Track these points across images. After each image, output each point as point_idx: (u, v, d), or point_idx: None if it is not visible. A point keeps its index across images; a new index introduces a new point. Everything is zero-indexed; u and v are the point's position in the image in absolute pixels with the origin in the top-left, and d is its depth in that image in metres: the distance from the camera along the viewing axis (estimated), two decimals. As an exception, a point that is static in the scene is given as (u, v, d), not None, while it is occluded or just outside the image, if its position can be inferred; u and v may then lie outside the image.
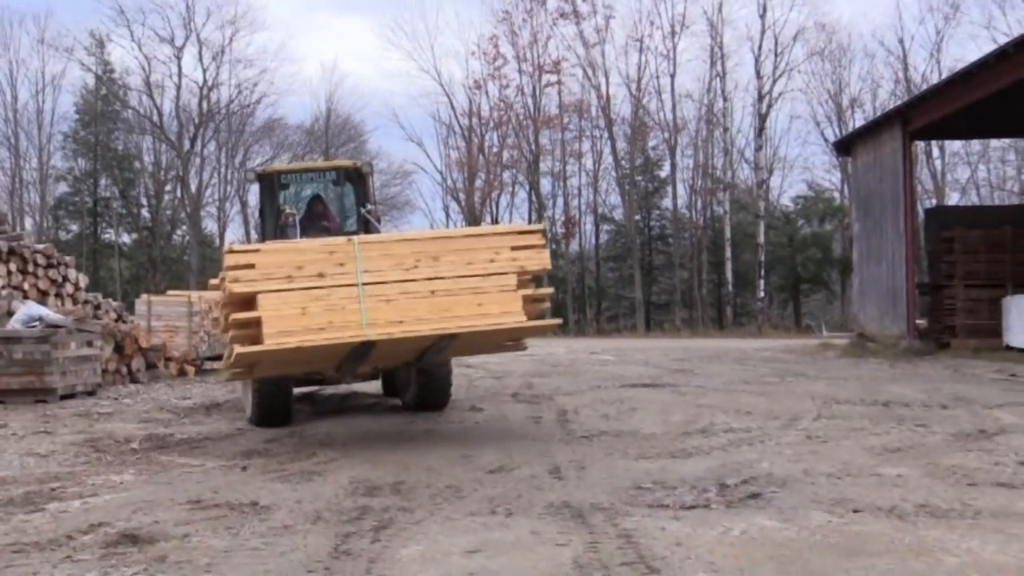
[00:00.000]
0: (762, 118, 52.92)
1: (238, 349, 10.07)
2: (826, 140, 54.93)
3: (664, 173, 59.34)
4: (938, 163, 52.60)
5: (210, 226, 66.74)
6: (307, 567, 6.31)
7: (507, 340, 11.95)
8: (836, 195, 57.87)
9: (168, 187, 65.72)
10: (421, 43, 77.61)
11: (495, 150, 60.66)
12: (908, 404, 13.95)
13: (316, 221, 14.77)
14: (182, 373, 22.53)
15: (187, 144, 61.48)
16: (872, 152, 29.05)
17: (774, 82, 53.32)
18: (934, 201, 47.67)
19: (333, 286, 10.29)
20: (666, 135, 56.84)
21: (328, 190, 15.24)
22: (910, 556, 6.21)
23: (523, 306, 10.73)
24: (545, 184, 60.24)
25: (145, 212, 66.65)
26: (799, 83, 63.74)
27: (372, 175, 15.24)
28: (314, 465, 10.19)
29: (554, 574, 6.03)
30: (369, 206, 14.51)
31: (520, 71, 57.81)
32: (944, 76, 30.97)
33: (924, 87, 34.81)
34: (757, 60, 53.05)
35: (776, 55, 53.23)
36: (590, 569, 6.09)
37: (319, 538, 7.07)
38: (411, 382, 14.01)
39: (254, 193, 60.84)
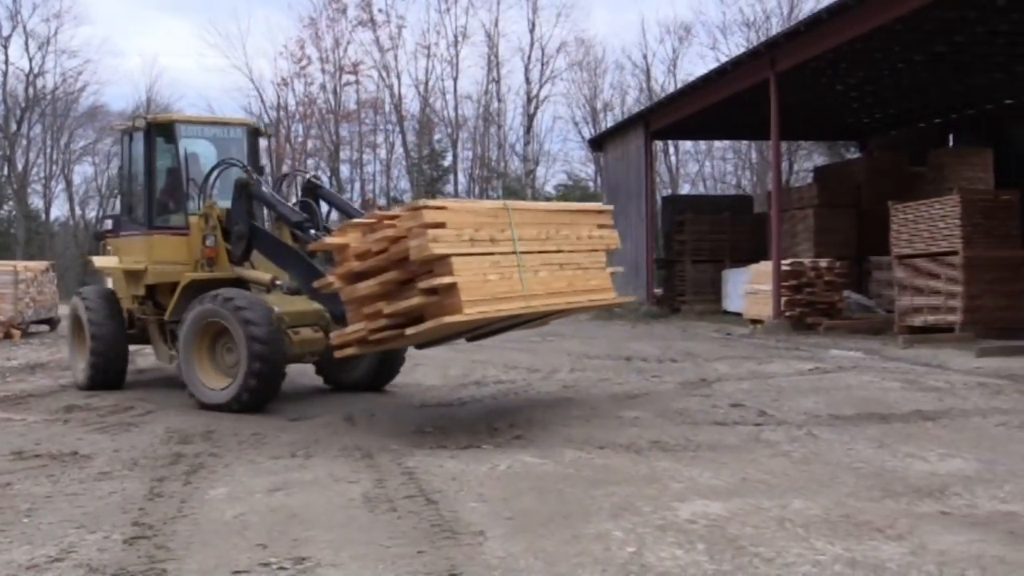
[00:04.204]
0: (530, 118, 53.54)
1: (449, 319, 7.78)
2: (583, 137, 55.90)
3: (447, 163, 59.25)
4: (673, 159, 54.41)
5: (36, 202, 62.78)
6: (123, 509, 6.05)
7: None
8: (591, 184, 59.03)
9: (-5, 166, 61.32)
10: (234, 43, 75.23)
11: (300, 140, 59.31)
12: (646, 359, 14.44)
13: (164, 182, 11.75)
14: (7, 336, 21.24)
15: (14, 126, 57.56)
16: (620, 148, 29.83)
17: (540, 87, 53.97)
18: (670, 190, 49.28)
19: (503, 252, 8.47)
20: (449, 130, 56.81)
21: (226, 148, 12.00)
22: (644, 483, 6.44)
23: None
24: (344, 170, 59.27)
25: (-28, 188, 61.97)
26: (561, 88, 65.18)
27: (269, 141, 12.55)
28: (132, 417, 9.77)
29: (346, 508, 5.98)
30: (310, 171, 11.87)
31: (323, 71, 56.53)
32: (678, 87, 32.05)
33: (663, 96, 35.94)
34: (526, 68, 53.52)
35: (543, 64, 53.83)
36: (377, 502, 6.07)
37: (135, 483, 6.80)
38: (362, 359, 10.95)
39: (79, 173, 57.53)
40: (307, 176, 11.34)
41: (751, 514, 5.60)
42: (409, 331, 8.08)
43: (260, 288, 10.72)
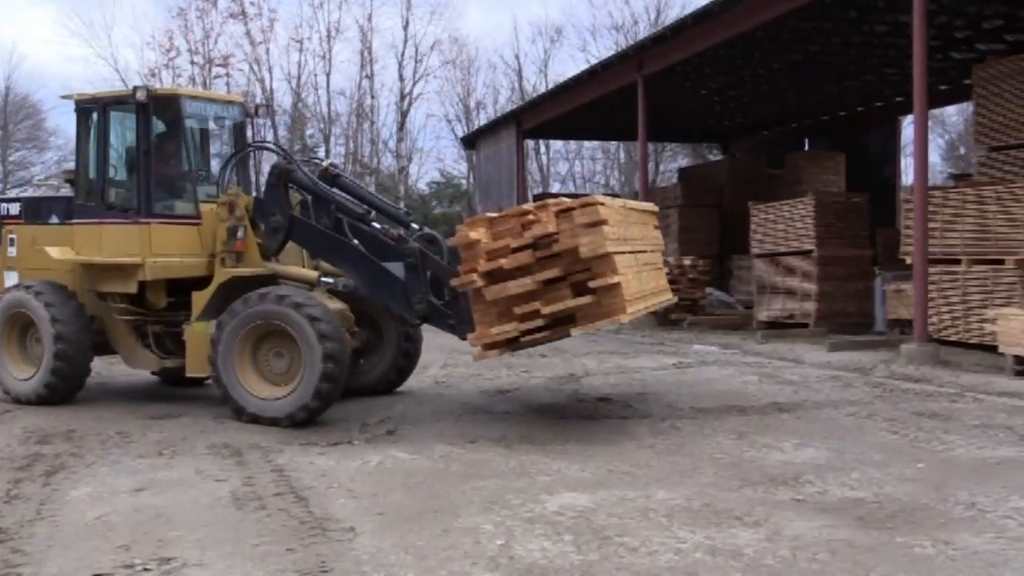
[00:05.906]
0: (403, 115, 53.20)
1: (623, 318, 7.56)
2: (456, 135, 55.97)
3: (319, 158, 58.70)
4: (544, 158, 54.92)
5: None
6: (-24, 512, 5.78)
7: None
8: (464, 181, 59.16)
9: None
10: (99, 32, 72.53)
11: (168, 132, 57.67)
12: (515, 354, 14.49)
13: (165, 163, 10.20)
14: None
15: None
16: (492, 147, 29.95)
17: (414, 84, 53.74)
18: (541, 189, 49.69)
19: (633, 252, 8.23)
20: (322, 126, 56.06)
21: (222, 129, 10.82)
22: (513, 477, 6.50)
23: None
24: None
25: None
26: (435, 86, 65.18)
27: (252, 122, 11.27)
28: (-13, 417, 9.33)
29: (213, 507, 5.85)
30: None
31: (193, 63, 54.86)
32: (550, 88, 32.32)
33: (534, 96, 36.19)
34: (400, 65, 53.07)
35: (416, 62, 53.51)
36: (246, 500, 5.96)
37: (-10, 484, 6.51)
38: (384, 354, 10.40)
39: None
40: (324, 164, 10.08)
41: (616, 505, 5.71)
42: (575, 330, 7.77)
43: (302, 287, 9.48)
